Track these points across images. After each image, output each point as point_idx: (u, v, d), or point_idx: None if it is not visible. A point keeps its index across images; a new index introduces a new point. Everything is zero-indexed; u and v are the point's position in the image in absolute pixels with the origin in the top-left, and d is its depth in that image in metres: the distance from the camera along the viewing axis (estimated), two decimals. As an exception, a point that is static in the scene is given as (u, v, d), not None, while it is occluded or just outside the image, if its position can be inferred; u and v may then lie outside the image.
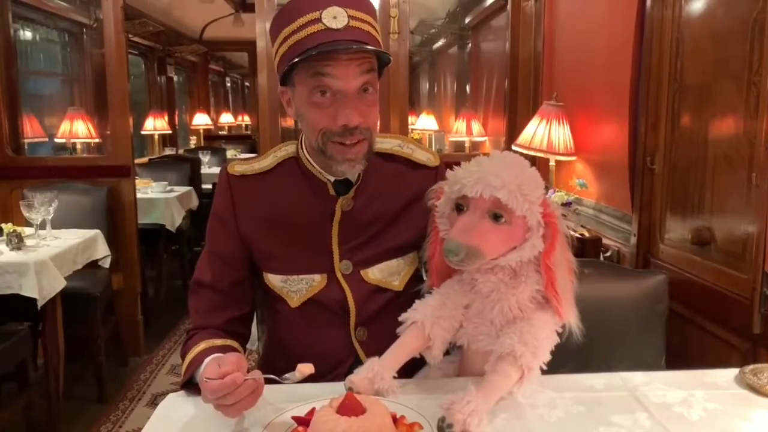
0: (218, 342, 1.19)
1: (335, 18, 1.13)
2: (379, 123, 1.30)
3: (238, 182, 1.31)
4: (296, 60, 1.13)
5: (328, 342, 1.30)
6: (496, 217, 1.03)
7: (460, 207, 1.07)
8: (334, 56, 1.13)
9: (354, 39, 1.14)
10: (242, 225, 1.29)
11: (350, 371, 1.23)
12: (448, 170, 1.11)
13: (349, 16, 1.14)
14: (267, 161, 1.33)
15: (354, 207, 1.28)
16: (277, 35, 1.19)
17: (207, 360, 1.11)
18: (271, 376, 1.03)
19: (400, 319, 1.12)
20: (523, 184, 1.03)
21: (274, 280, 1.31)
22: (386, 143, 1.36)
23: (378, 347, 1.13)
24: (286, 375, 1.03)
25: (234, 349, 1.16)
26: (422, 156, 1.37)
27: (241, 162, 1.35)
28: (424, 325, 1.10)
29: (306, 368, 1.03)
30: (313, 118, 1.19)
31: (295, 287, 1.29)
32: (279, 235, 1.29)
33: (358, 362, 1.25)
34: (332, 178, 1.28)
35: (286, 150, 1.34)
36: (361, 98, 1.17)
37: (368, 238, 1.30)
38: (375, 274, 1.30)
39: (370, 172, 1.30)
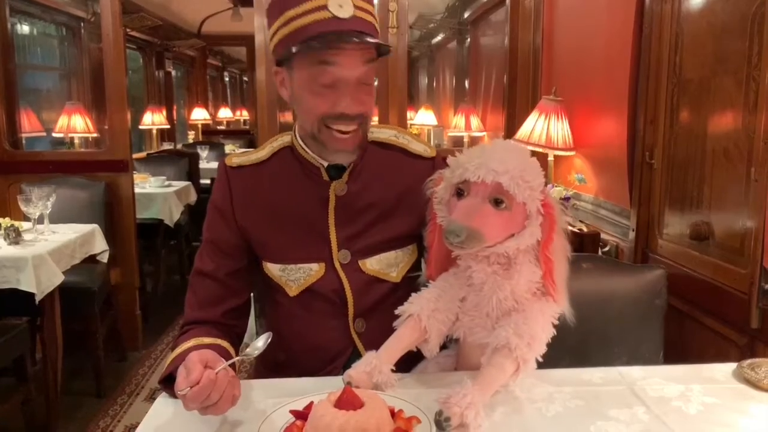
0: (207, 340, 1.17)
1: (341, 7, 1.13)
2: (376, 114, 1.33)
3: (235, 173, 1.33)
4: (302, 47, 1.13)
5: (326, 333, 1.30)
6: (497, 203, 1.03)
7: (460, 192, 1.06)
8: (342, 46, 1.14)
9: (359, 30, 1.15)
10: (240, 215, 1.30)
11: (348, 363, 1.24)
12: (449, 156, 1.11)
13: (355, 6, 1.15)
14: (263, 152, 1.35)
15: (348, 192, 1.29)
16: (278, 15, 1.18)
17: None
18: (235, 359, 1.10)
19: (396, 312, 1.12)
20: (525, 171, 1.04)
21: (273, 268, 1.32)
22: (383, 133, 1.37)
23: (376, 339, 1.14)
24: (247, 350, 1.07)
25: (222, 348, 1.16)
26: (418, 147, 1.38)
27: (239, 154, 1.37)
28: (420, 318, 1.10)
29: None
30: (312, 104, 1.19)
31: (294, 276, 1.30)
32: (277, 224, 1.29)
33: (357, 354, 1.27)
34: (326, 163, 1.29)
35: (281, 140, 1.35)
36: (360, 88, 1.19)
37: (365, 226, 1.30)
38: (373, 264, 1.31)
39: (364, 159, 1.31)
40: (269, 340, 1.07)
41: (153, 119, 6.62)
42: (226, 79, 10.36)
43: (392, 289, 1.32)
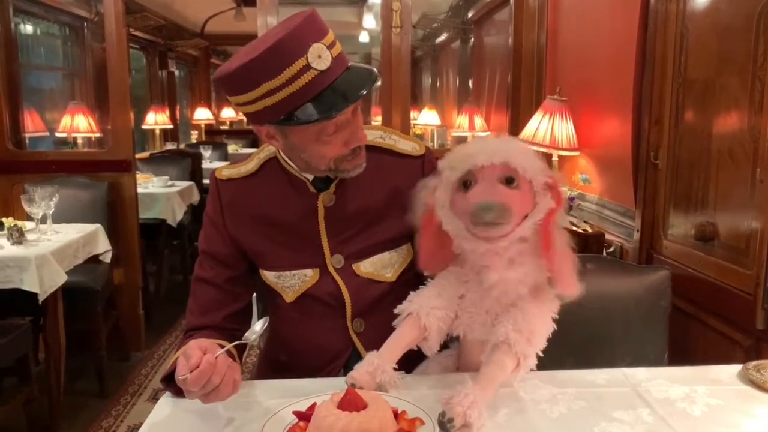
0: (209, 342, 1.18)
1: (320, 57, 1.07)
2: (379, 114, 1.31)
3: (225, 186, 1.33)
4: (322, 116, 1.09)
5: (325, 334, 1.31)
6: (508, 182, 1.04)
7: (467, 184, 1.06)
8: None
9: (345, 67, 1.12)
10: (231, 226, 1.31)
11: (348, 362, 1.25)
12: (446, 155, 1.11)
13: (326, 47, 1.08)
14: (252, 164, 1.34)
15: (336, 202, 1.28)
16: (253, 86, 1.08)
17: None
18: (231, 345, 1.07)
19: (395, 311, 1.13)
20: (525, 152, 1.07)
21: (268, 275, 1.32)
22: (369, 134, 1.31)
23: (375, 338, 1.14)
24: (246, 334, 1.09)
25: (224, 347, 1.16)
26: (406, 146, 1.35)
27: (229, 166, 1.36)
28: (419, 316, 1.10)
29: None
30: (323, 151, 1.18)
31: (289, 282, 1.30)
32: (268, 233, 1.30)
33: (356, 353, 1.28)
34: (311, 177, 1.28)
35: (268, 150, 1.34)
36: (356, 114, 1.18)
37: (357, 231, 1.30)
38: (367, 267, 1.30)
39: None
40: (266, 325, 1.09)
41: (156, 119, 6.63)
42: (230, 78, 10.35)
43: (389, 288, 1.31)
